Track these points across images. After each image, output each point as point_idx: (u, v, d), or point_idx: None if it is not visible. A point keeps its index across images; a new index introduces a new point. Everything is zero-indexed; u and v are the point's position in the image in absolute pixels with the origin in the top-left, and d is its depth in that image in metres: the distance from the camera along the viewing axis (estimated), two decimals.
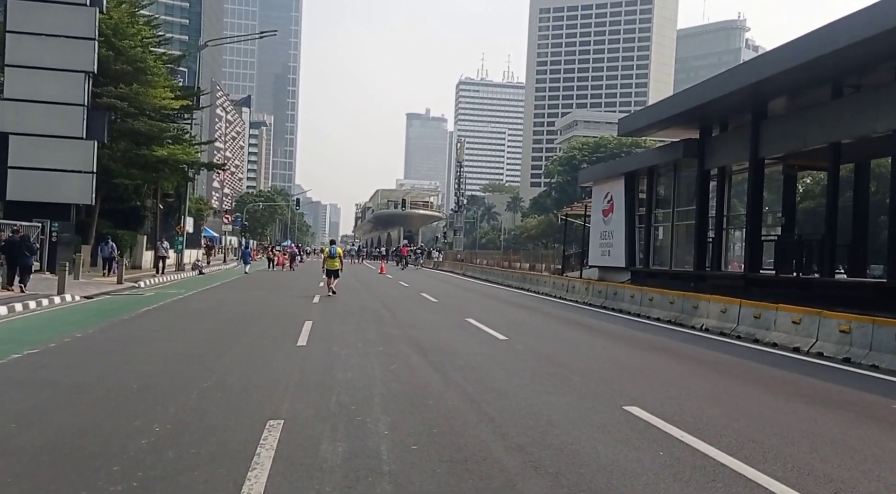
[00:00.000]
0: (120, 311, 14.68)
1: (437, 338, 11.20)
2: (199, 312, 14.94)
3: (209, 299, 18.30)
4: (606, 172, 27.71)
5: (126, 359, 8.59)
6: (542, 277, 24.89)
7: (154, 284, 25.05)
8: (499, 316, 15.53)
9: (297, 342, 10.28)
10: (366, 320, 13.74)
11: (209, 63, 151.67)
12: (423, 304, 18.32)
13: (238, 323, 12.76)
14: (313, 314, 14.53)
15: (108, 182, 29.75)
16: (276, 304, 17.12)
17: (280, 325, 12.58)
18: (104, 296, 19.20)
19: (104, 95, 27.26)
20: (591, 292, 19.95)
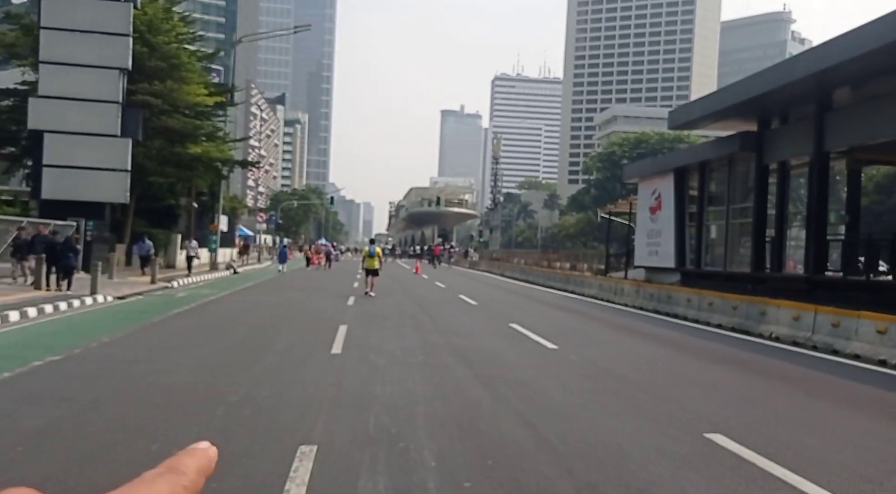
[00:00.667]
0: (150, 313, 14.17)
1: (482, 346, 10.35)
2: (230, 315, 14.35)
3: (242, 301, 17.76)
4: (654, 167, 26.51)
5: (150, 369, 7.95)
6: (586, 278, 23.83)
7: (187, 284, 24.69)
8: (545, 321, 14.58)
9: (331, 350, 9.54)
10: (404, 325, 12.97)
11: (244, 62, 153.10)
12: (463, 307, 17.48)
13: (270, 328, 12.11)
14: (348, 318, 13.82)
15: (142, 181, 29.53)
16: (309, 306, 16.48)
17: (314, 330, 11.88)
18: (137, 297, 18.82)
19: (138, 92, 26.98)
20: (641, 295, 18.80)
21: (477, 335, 11.76)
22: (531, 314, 15.98)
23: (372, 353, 9.37)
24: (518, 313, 16.11)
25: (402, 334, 11.56)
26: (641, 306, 18.14)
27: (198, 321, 13.13)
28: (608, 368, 8.88)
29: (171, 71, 28.24)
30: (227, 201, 48.51)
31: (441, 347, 10.15)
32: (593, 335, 12.66)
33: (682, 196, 24.38)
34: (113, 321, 13.10)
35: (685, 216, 24.22)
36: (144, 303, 16.89)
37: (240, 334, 11.21)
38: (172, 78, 28.10)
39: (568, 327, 13.90)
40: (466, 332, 12.08)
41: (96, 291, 17.76)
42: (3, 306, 13.41)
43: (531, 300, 20.81)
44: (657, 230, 25.88)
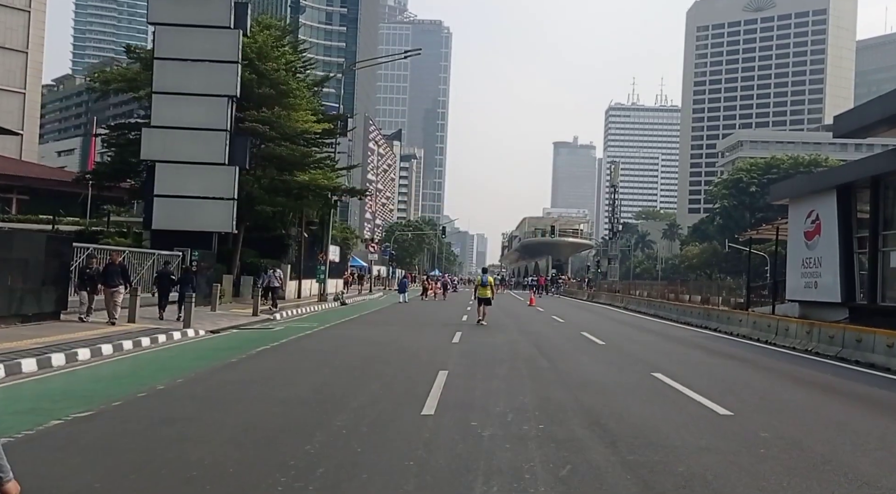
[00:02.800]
0: (233, 351, 12.59)
1: (623, 409, 7.73)
2: (316, 354, 12.51)
3: (337, 337, 15.98)
4: (810, 185, 22.69)
5: (186, 434, 6.06)
6: (734, 314, 20.30)
7: (290, 316, 23.47)
8: (699, 371, 11.54)
9: (422, 410, 7.29)
10: (517, 372, 10.54)
11: (362, 99, 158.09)
12: (589, 348, 14.73)
13: (356, 373, 10.08)
14: (451, 361, 11.58)
15: (251, 210, 29.07)
16: (409, 344, 14.40)
17: (407, 377, 9.72)
18: (232, 331, 17.57)
19: (246, 119, 26.55)
20: (816, 336, 15.05)
21: (613, 389, 9.13)
22: (677, 360, 12.92)
23: (475, 416, 7.03)
24: (660, 358, 13.15)
25: (516, 385, 9.14)
26: (818, 352, 14.31)
27: (277, 362, 11.35)
28: (828, 457, 5.82)
29: (279, 98, 27.71)
30: (339, 230, 48.16)
31: (567, 408, 7.64)
32: (774, 394, 9.42)
33: (847, 218, 20.50)
34: (188, 360, 11.58)
35: (853, 242, 20.30)
36: (235, 338, 15.49)
37: (316, 381, 9.22)
38: (281, 105, 27.54)
39: (732, 379, 10.74)
40: (598, 384, 9.48)
41: (189, 324, 16.64)
42: (80, 341, 12.27)
43: (670, 340, 17.62)
44: (815, 259, 22.00)
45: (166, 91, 25.26)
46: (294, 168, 28.93)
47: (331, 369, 10.43)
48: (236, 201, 25.57)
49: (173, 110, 25.32)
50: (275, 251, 33.54)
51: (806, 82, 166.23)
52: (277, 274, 22.49)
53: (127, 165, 28.47)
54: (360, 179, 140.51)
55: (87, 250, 15.42)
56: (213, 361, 11.22)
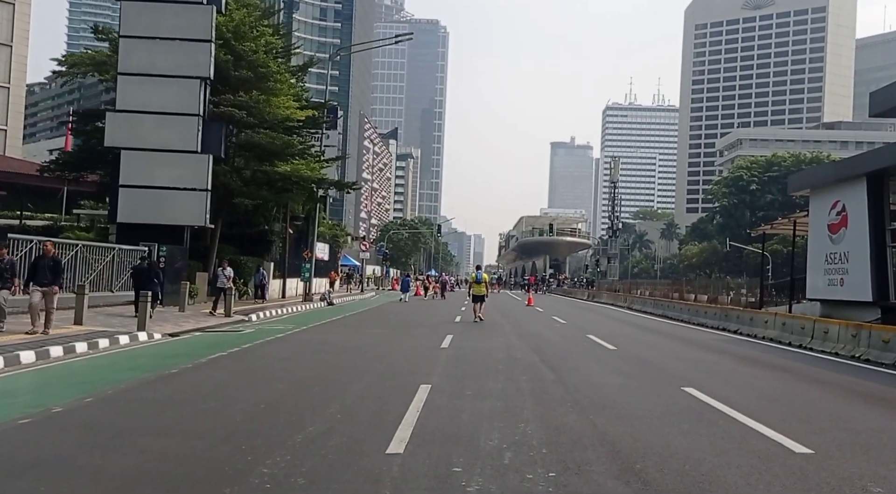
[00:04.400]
0: (180, 358, 10.61)
1: (662, 444, 5.67)
2: (277, 363, 10.50)
3: (309, 342, 13.98)
4: (835, 173, 20.74)
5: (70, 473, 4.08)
6: (759, 315, 18.28)
7: (267, 317, 21.50)
8: (739, 385, 9.38)
9: (388, 445, 5.30)
10: (516, 386, 8.55)
11: (358, 98, 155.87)
12: (598, 354, 12.69)
13: (316, 389, 8.09)
14: (436, 371, 9.60)
15: (228, 203, 27.05)
16: (391, 350, 12.40)
17: (378, 394, 7.73)
18: (195, 333, 15.60)
19: (221, 103, 24.52)
20: (865, 341, 12.89)
21: (640, 411, 7.12)
22: (706, 370, 10.83)
23: (459, 454, 5.04)
24: (684, 367, 11.04)
25: (515, 406, 7.15)
26: (868, 359, 12.22)
27: (226, 373, 9.34)
28: None
29: (258, 82, 25.67)
30: (328, 228, 46.13)
31: (585, 443, 5.63)
32: (848, 418, 7.15)
33: (879, 208, 18.59)
34: (117, 371, 9.60)
35: (886, 235, 18.40)
36: (193, 343, 13.50)
37: (261, 401, 7.21)
38: (260, 89, 25.50)
39: (786, 397, 8.53)
40: (620, 405, 7.46)
41: (144, 326, 14.65)
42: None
43: (688, 344, 15.55)
44: (841, 254, 20.09)
45: (133, 72, 23.19)
46: (275, 158, 26.89)
47: (287, 384, 8.43)
48: (210, 193, 23.54)
49: (141, 93, 23.26)
50: (257, 248, 31.54)
51: (805, 81, 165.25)
52: (227, 273, 19.74)
53: (94, 154, 26.39)
54: (355, 177, 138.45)
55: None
56: (148, 372, 9.22)
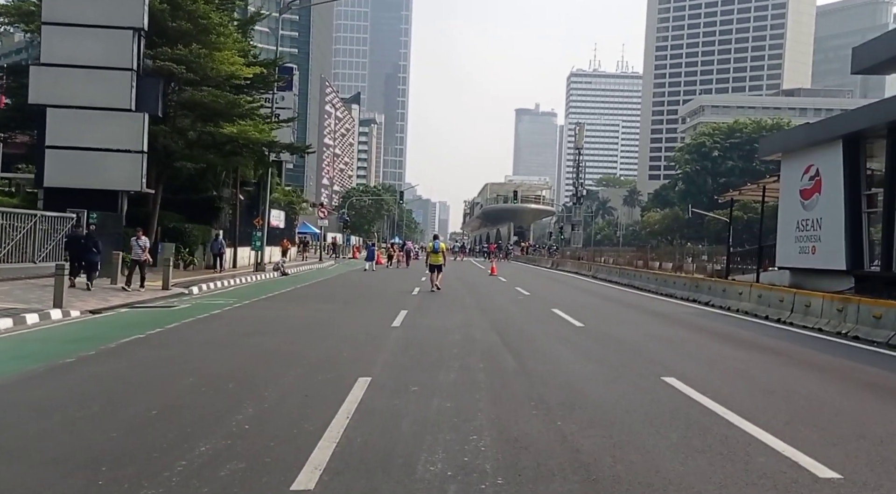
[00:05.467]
0: (83, 343, 9.16)
1: (650, 463, 4.49)
2: (196, 349, 9.09)
3: (245, 320, 12.56)
4: (809, 136, 19.81)
5: None
6: (732, 286, 17.28)
7: (210, 290, 19.94)
8: (726, 373, 8.02)
9: (296, 476, 4.02)
10: (472, 379, 7.31)
11: (318, 61, 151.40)
12: (565, 333, 11.49)
13: (230, 385, 6.74)
14: (381, 359, 8.33)
15: (169, 166, 25.16)
16: (334, 331, 11.08)
17: (306, 391, 6.43)
18: (121, 310, 14.04)
19: (158, 57, 22.50)
20: (853, 316, 11.74)
21: (618, 412, 5.91)
22: (686, 353, 9.60)
23: (388, 491, 3.80)
24: (661, 349, 9.78)
25: (467, 408, 5.91)
26: (857, 336, 11.20)
27: (127, 364, 7.90)
28: None
29: (199, 35, 23.62)
30: (283, 194, 44.23)
31: (553, 466, 4.36)
32: (867, 424, 5.77)
33: (855, 173, 17.76)
34: (6, 359, 8.11)
35: (861, 201, 17.60)
36: (111, 322, 12.00)
37: (166, 401, 5.84)
38: (200, 43, 23.47)
39: (785, 391, 7.08)
40: (590, 400, 6.28)
41: (60, 303, 13.07)
42: None
43: (660, 319, 14.39)
44: (813, 220, 19.30)
45: (58, 21, 21.05)
46: (220, 119, 24.99)
47: (199, 377, 7.06)
48: (147, 155, 21.71)
49: (67, 45, 21.15)
50: (204, 215, 29.71)
51: (766, 47, 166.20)
52: (142, 243, 17.37)
53: (24, 113, 24.16)
54: (316, 142, 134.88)
55: None
56: (38, 361, 7.76)
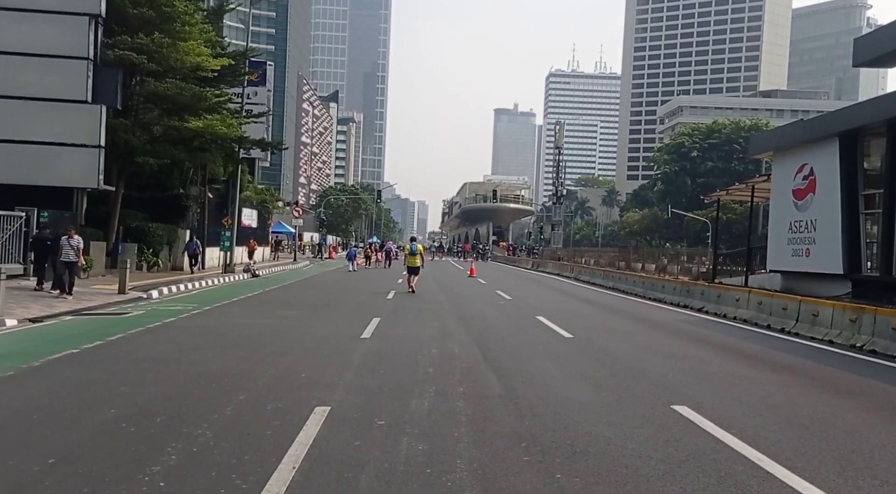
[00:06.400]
0: (7, 360, 7.93)
1: None
2: (134, 369, 7.87)
3: (197, 331, 11.34)
4: (803, 134, 19.03)
5: None
6: (728, 291, 16.31)
7: (171, 294, 18.66)
8: (743, 398, 6.93)
9: None
10: (450, 408, 6.19)
11: (296, 58, 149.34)
12: (554, 347, 10.36)
13: (163, 417, 5.56)
14: (344, 382, 7.19)
15: (131, 162, 23.77)
16: (296, 343, 9.93)
17: (250, 428, 5.29)
18: (66, 317, 12.79)
19: (117, 45, 21.13)
20: (869, 328, 10.63)
21: (625, 458, 4.83)
22: (693, 372, 8.38)
23: None
24: (665, 368, 8.58)
25: (443, 452, 4.80)
26: (874, 349, 10.13)
27: (45, 390, 6.68)
28: None
29: (162, 23, 22.29)
30: (256, 192, 42.82)
31: None
32: None
33: (852, 173, 16.99)
34: None
35: (859, 201, 16.83)
36: (50, 333, 10.79)
37: (66, 448, 4.66)
38: (164, 32, 22.14)
39: (813, 421, 6.07)
40: (592, 441, 5.20)
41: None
42: None
43: (655, 329, 13.16)
44: (807, 222, 18.52)
45: (8, 6, 19.61)
46: (185, 112, 23.65)
47: (118, 410, 5.87)
48: (104, 150, 20.33)
49: (18, 31, 19.71)
50: (170, 214, 28.26)
51: (743, 49, 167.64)
52: (73, 243, 15.21)
53: None
54: (293, 140, 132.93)
55: None
56: None
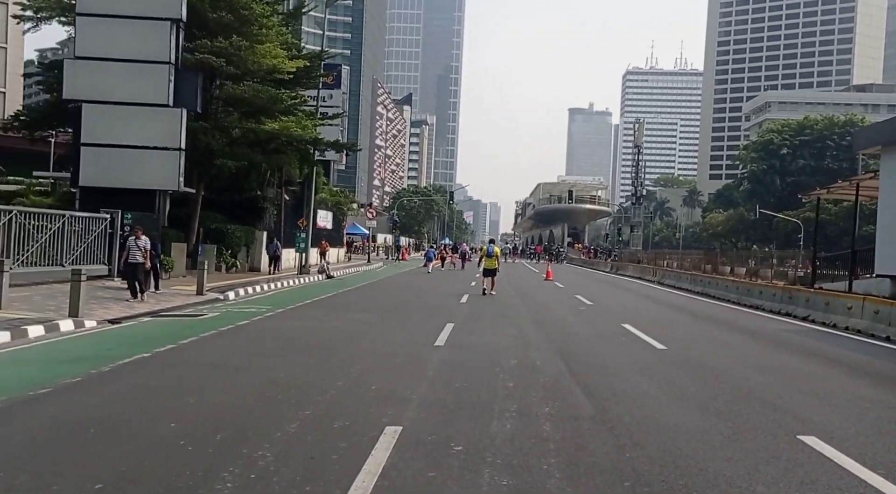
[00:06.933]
0: (77, 365, 7.77)
1: None
2: (199, 376, 7.51)
3: (268, 334, 11.05)
4: None
5: None
6: (838, 298, 14.58)
7: (245, 295, 18.67)
8: (888, 426, 5.94)
9: None
10: (535, 432, 5.41)
11: (371, 62, 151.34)
12: (647, 359, 9.31)
13: (223, 435, 5.10)
14: (416, 397, 6.57)
15: (212, 165, 24.11)
16: (367, 350, 9.43)
17: (313, 449, 4.75)
18: (144, 319, 12.82)
19: (197, 49, 21.41)
20: None
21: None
22: (813, 391, 7.24)
23: None
24: (781, 387, 7.34)
25: (534, 488, 4.11)
26: None
27: (106, 400, 6.36)
28: None
29: (240, 26, 22.49)
30: (330, 194, 43.16)
31: None
32: None
33: None
34: None
35: None
36: (127, 336, 10.75)
37: (114, 472, 4.26)
38: (242, 35, 22.32)
39: None
40: (717, 485, 4.33)
41: (76, 312, 11.87)
42: None
43: (761, 341, 11.43)
44: None
45: (93, 12, 20.15)
46: (261, 114, 23.82)
47: (178, 424, 5.45)
48: (184, 152, 20.62)
49: (103, 37, 20.22)
50: (247, 216, 28.65)
51: (834, 42, 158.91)
52: (141, 243, 14.72)
53: (60, 110, 23.49)
54: (368, 143, 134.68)
55: None
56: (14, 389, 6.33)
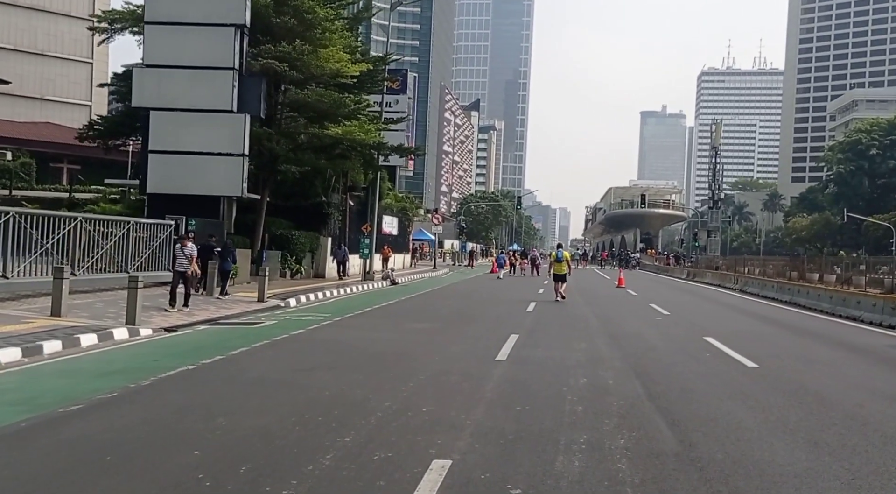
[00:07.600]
0: (119, 377, 7.42)
1: None
2: (241, 391, 6.97)
3: (322, 345, 10.51)
4: None
5: None
6: None
7: (308, 302, 18.39)
8: None
9: None
10: (609, 474, 4.52)
11: (439, 68, 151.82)
12: (737, 379, 8.14)
13: (252, 464, 4.49)
14: (471, 422, 5.79)
15: (276, 171, 24.05)
16: (423, 365, 8.71)
17: (349, 487, 4.05)
18: (201, 326, 12.63)
19: (261, 55, 21.33)
20: None
21: None
22: None
23: None
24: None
25: None
26: None
27: (135, 422, 5.89)
28: None
29: (304, 30, 22.31)
30: (396, 199, 42.91)
31: None
32: None
33: None
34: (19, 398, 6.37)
35: None
36: (179, 345, 10.54)
37: None
38: (305, 39, 22.14)
39: None
40: None
41: (133, 320, 11.70)
42: None
43: (863, 357, 9.96)
44: None
45: (160, 20, 20.34)
46: (325, 119, 23.59)
47: (203, 451, 4.85)
48: (248, 158, 20.54)
49: (170, 45, 20.38)
50: (312, 222, 28.54)
51: None
52: (188, 251, 14.06)
53: (131, 118, 23.93)
54: (435, 149, 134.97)
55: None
56: (21, 413, 5.88)
